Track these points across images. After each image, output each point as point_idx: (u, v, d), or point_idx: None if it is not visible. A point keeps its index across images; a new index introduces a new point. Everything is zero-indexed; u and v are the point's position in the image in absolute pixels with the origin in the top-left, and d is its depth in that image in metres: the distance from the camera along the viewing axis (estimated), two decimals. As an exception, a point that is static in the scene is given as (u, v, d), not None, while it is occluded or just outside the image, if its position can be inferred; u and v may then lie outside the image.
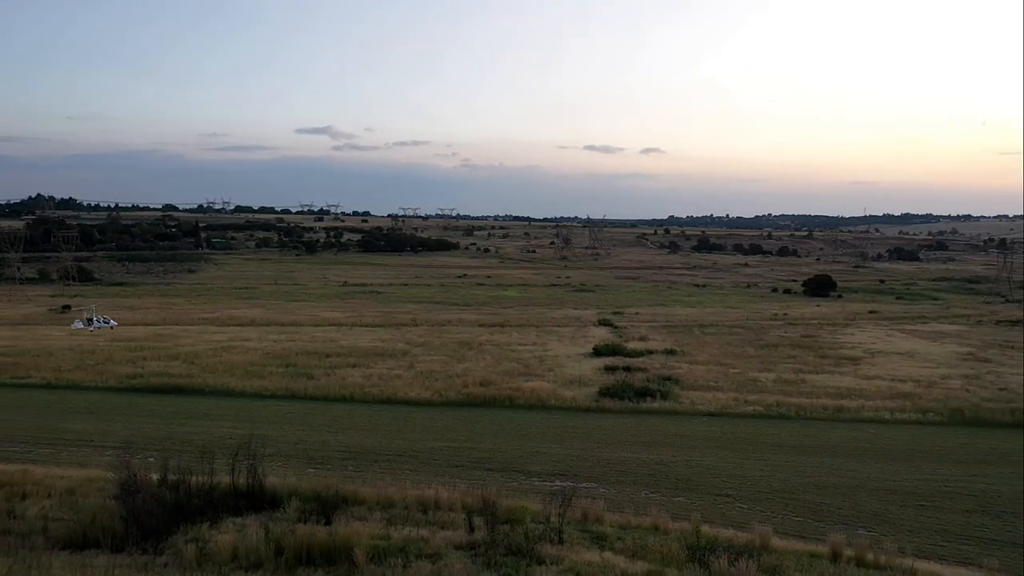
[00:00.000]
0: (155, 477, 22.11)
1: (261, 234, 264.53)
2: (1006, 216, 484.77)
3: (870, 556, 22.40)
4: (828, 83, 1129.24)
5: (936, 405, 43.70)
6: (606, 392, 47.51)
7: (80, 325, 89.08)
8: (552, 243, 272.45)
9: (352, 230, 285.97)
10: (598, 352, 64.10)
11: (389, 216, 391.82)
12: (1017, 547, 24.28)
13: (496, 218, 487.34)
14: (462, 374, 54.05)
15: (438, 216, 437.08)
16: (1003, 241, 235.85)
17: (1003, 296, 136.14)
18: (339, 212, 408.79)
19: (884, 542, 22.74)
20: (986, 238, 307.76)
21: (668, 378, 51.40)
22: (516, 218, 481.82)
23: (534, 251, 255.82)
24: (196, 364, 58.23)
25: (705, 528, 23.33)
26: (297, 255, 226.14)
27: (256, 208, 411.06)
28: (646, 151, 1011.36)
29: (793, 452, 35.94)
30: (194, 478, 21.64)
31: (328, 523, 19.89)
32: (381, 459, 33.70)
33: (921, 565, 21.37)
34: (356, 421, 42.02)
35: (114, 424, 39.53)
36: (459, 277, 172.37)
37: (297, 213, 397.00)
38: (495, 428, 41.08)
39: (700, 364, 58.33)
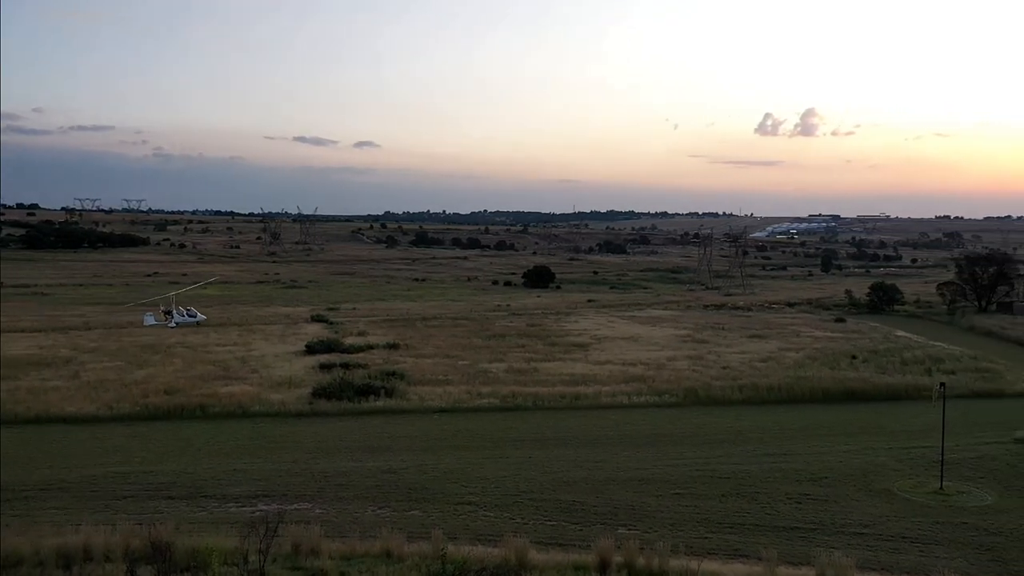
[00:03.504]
0: None
1: None
2: (696, 213, 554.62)
3: (641, 561, 19.72)
4: (536, 85, 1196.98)
5: (670, 387, 43.73)
6: (321, 392, 42.28)
7: (152, 321, 71.51)
8: (259, 238, 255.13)
9: (14, 224, 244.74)
10: (311, 349, 57.96)
11: (63, 209, 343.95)
12: (781, 531, 22.64)
13: (195, 212, 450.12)
14: (142, 381, 45.15)
15: (125, 210, 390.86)
16: (698, 235, 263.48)
17: (703, 284, 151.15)
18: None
19: (654, 542, 19.96)
20: (682, 233, 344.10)
21: (392, 373, 46.84)
22: (218, 212, 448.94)
23: (238, 247, 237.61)
24: None
25: (450, 549, 19.83)
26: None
27: None
28: (360, 145, 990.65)
29: (535, 446, 32.93)
30: None
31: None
32: (14, 498, 25.95)
33: (698, 565, 18.68)
34: (-17, 449, 32.05)
35: None
36: (148, 276, 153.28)
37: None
38: (182, 444, 33.88)
39: (426, 357, 54.46)
